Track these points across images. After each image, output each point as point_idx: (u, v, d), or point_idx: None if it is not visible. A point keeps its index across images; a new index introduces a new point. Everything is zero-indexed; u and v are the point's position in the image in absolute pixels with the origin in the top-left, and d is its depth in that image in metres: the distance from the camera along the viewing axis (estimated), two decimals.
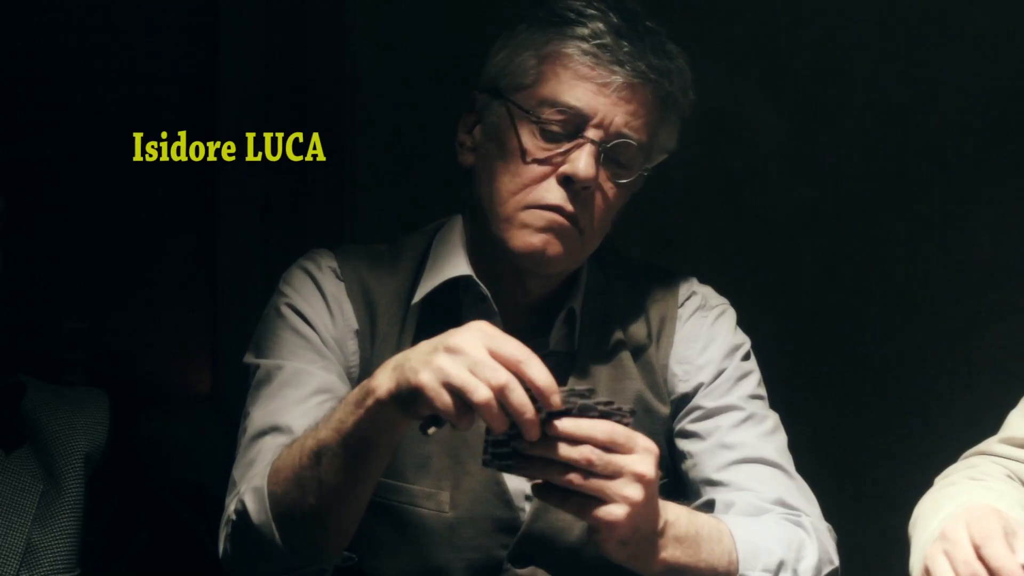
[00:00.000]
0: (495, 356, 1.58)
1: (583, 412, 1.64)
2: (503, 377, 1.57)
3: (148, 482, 2.14)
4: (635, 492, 1.64)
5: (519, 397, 1.57)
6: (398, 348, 1.96)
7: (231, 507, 1.84)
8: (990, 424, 2.85)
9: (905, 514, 2.89)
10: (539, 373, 1.59)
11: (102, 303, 2.92)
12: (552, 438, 1.61)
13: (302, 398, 1.92)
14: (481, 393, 1.56)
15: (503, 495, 1.95)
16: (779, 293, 2.94)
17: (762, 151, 2.97)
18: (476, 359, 1.58)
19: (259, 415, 1.91)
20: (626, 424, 1.66)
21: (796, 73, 2.96)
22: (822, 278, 2.98)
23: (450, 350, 1.59)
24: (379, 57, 2.95)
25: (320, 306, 1.99)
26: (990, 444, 2.02)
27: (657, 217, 2.90)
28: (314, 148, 2.91)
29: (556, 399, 1.60)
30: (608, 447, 1.63)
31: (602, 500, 1.64)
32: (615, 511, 1.64)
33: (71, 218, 2.91)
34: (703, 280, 2.13)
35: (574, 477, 1.62)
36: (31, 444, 1.97)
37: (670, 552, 1.76)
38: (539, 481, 1.67)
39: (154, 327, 2.94)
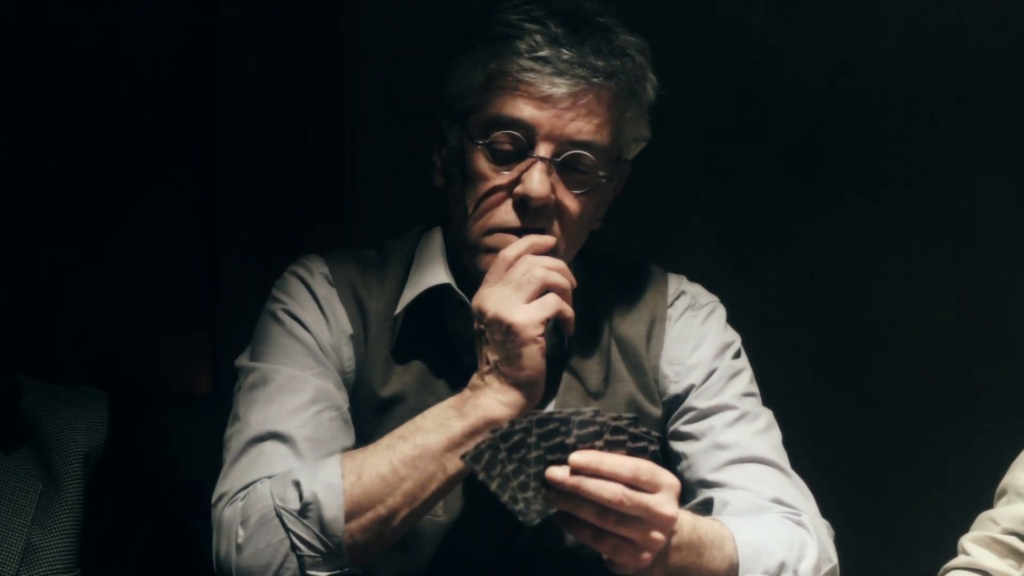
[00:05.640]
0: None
1: (615, 433, 1.67)
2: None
3: (148, 482, 2.14)
4: (660, 536, 1.70)
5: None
6: (388, 353, 1.99)
7: (258, 500, 1.84)
8: (988, 419, 2.86)
9: (903, 511, 2.91)
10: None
11: (102, 303, 2.92)
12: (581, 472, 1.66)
13: (301, 406, 1.92)
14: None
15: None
16: (776, 290, 2.94)
17: (761, 149, 2.97)
18: None
19: (257, 419, 1.91)
20: (653, 451, 1.70)
21: (795, 71, 2.96)
22: (821, 276, 2.97)
23: None
24: (380, 60, 2.95)
25: (315, 312, 1.99)
26: (994, 514, 2.03)
27: (653, 213, 2.91)
28: (314, 151, 2.91)
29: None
30: (633, 485, 1.66)
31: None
32: (643, 556, 1.70)
33: (72, 218, 2.91)
34: (696, 278, 2.14)
35: (610, 522, 1.67)
36: (30, 444, 1.98)
37: (672, 558, 1.78)
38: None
39: (154, 327, 2.94)
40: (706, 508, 1.96)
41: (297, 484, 1.81)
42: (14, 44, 2.88)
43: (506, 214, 1.91)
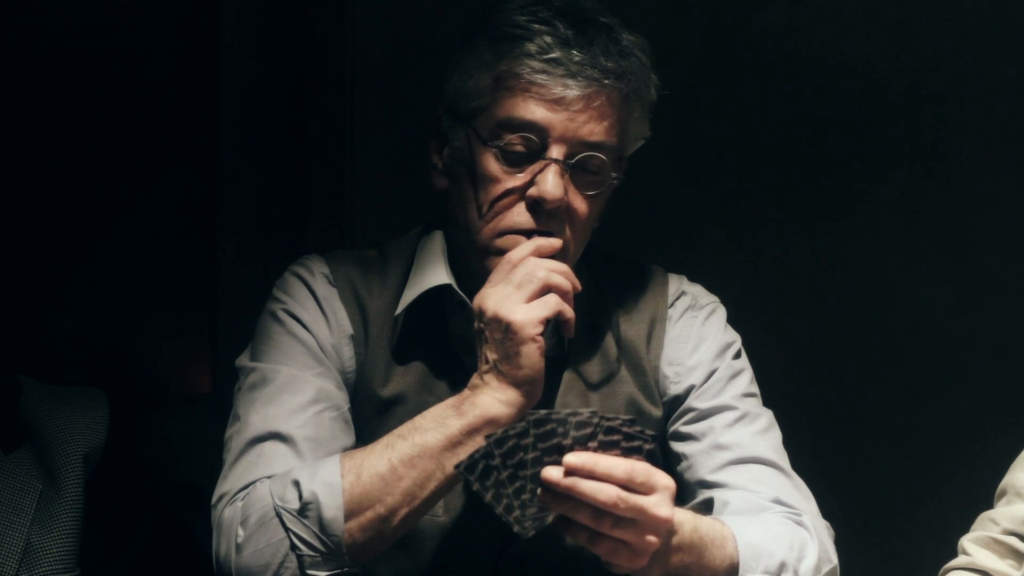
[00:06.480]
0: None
1: (609, 433, 1.67)
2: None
3: (147, 482, 2.14)
4: (655, 538, 1.70)
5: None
6: (389, 353, 1.99)
7: (256, 500, 1.84)
8: (988, 420, 2.85)
9: (903, 511, 2.91)
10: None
11: (102, 303, 2.92)
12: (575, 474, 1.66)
13: (301, 406, 1.92)
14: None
15: None
16: (777, 291, 2.94)
17: (761, 150, 2.97)
18: None
19: (257, 419, 1.92)
20: (648, 450, 1.69)
21: (793, 69, 2.96)
22: (823, 277, 2.97)
23: None
24: (380, 60, 2.95)
25: (316, 312, 1.99)
26: (994, 515, 2.03)
27: (655, 215, 2.91)
28: (314, 148, 2.92)
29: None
30: (627, 486, 1.66)
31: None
32: (637, 560, 1.70)
33: (72, 218, 2.91)
34: (698, 278, 2.14)
35: (604, 525, 1.67)
36: (30, 444, 1.98)
37: (673, 558, 1.78)
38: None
39: (154, 327, 2.94)
40: (706, 508, 1.96)
41: (297, 484, 1.81)
42: (13, 44, 2.88)
43: (518, 216, 1.91)
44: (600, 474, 1.65)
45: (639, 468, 1.67)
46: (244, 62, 2.92)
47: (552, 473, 1.65)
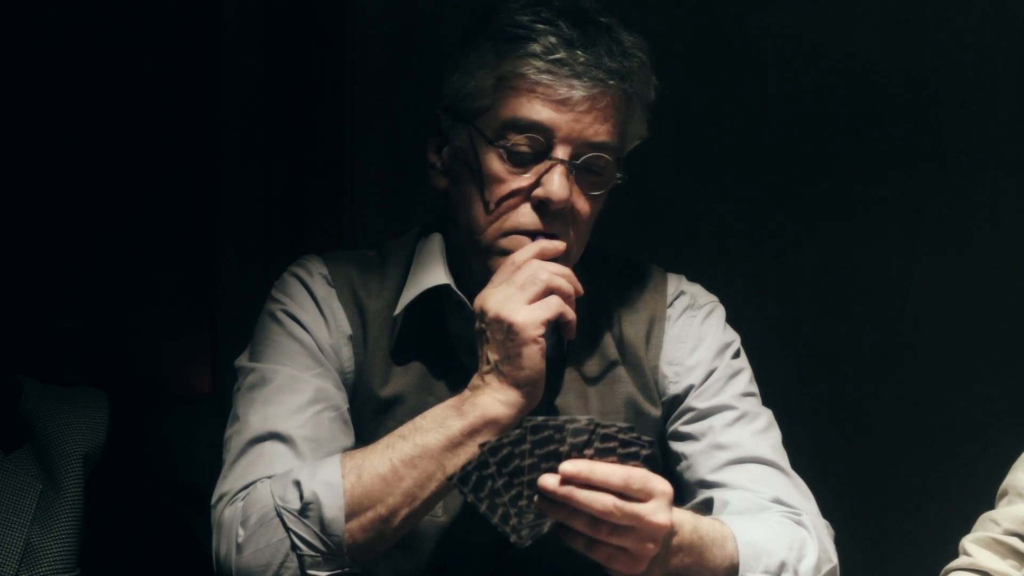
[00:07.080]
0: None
1: (605, 441, 1.66)
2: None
3: (147, 482, 2.14)
4: (653, 545, 1.70)
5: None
6: (388, 354, 1.99)
7: (256, 501, 1.84)
8: (989, 420, 2.85)
9: (904, 511, 2.91)
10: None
11: (102, 303, 2.92)
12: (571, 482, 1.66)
13: (300, 406, 1.92)
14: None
15: None
16: (777, 291, 2.94)
17: (762, 150, 2.97)
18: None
19: (256, 419, 1.92)
20: (646, 455, 1.69)
21: (793, 69, 2.96)
22: (823, 277, 2.97)
23: None
24: (380, 61, 2.95)
25: (314, 313, 1.99)
26: (995, 515, 2.03)
27: (655, 215, 2.91)
28: (314, 148, 2.92)
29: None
30: (624, 494, 1.66)
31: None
32: (636, 565, 1.71)
33: (72, 218, 2.91)
34: (696, 278, 2.13)
35: (601, 532, 1.67)
36: (30, 444, 1.98)
37: (673, 559, 1.78)
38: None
39: (154, 327, 2.94)
40: (706, 508, 1.96)
41: (297, 484, 1.81)
42: (13, 44, 2.88)
43: (523, 216, 1.91)
44: (596, 482, 1.65)
45: (636, 475, 1.67)
46: (244, 62, 2.92)
47: (548, 481, 1.65)
